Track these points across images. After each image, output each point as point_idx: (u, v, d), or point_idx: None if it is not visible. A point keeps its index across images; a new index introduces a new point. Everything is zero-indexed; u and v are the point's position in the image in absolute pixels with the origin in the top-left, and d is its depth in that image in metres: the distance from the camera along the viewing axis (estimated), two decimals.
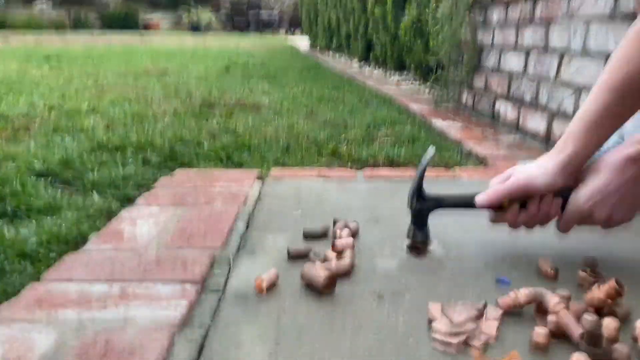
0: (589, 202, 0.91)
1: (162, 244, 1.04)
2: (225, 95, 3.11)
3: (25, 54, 5.85)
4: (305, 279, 0.86)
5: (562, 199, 0.95)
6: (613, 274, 0.93)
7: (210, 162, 1.76)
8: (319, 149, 1.93)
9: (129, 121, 2.32)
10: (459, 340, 0.72)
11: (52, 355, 0.68)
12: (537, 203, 0.95)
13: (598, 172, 0.91)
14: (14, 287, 0.91)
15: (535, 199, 0.95)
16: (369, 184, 1.48)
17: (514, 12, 2.29)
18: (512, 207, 0.96)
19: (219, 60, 5.70)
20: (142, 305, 0.81)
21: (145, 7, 17.79)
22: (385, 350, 0.71)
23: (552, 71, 1.93)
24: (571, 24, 1.81)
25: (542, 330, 0.71)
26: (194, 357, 0.70)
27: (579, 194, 0.93)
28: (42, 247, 1.05)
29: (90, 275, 0.91)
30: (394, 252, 1.02)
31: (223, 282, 0.90)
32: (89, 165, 1.61)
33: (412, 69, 3.94)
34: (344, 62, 6.30)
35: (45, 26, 15.48)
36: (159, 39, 10.57)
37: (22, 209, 1.25)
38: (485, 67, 2.61)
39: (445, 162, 1.78)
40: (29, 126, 2.19)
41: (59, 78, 3.80)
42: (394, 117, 2.55)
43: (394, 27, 4.08)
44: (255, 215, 1.21)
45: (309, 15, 9.44)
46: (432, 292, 0.86)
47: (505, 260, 0.99)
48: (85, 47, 7.36)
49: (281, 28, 17.61)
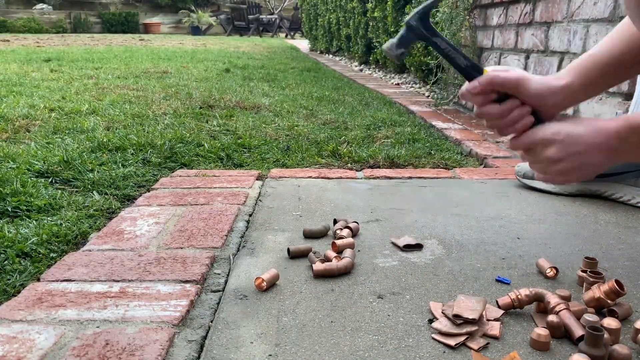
0: (554, 135, 0.87)
1: (162, 244, 1.04)
2: (225, 97, 3.11)
3: (25, 56, 5.86)
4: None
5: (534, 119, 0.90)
6: (613, 274, 0.94)
7: (210, 163, 1.76)
8: (319, 150, 1.93)
9: (130, 122, 2.32)
10: (459, 341, 0.72)
11: (52, 355, 0.68)
12: (515, 105, 0.90)
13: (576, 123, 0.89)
14: (14, 286, 0.91)
15: (515, 99, 0.90)
16: (369, 184, 1.48)
17: (514, 14, 2.29)
18: (490, 95, 0.90)
19: (219, 62, 5.70)
20: (142, 305, 0.81)
21: (145, 9, 17.82)
22: (385, 350, 0.71)
23: (553, 73, 1.94)
24: (571, 26, 1.81)
25: (542, 330, 0.71)
26: (193, 357, 0.70)
27: (549, 125, 0.89)
28: (42, 247, 1.05)
29: (90, 275, 0.91)
30: (394, 252, 1.02)
31: (223, 282, 0.90)
32: (90, 166, 1.62)
33: (412, 71, 3.95)
34: (344, 64, 6.31)
35: (46, 28, 15.51)
36: (159, 41, 10.59)
37: (23, 208, 1.25)
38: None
39: (446, 163, 1.78)
40: (30, 127, 2.20)
41: (59, 80, 3.80)
42: (394, 118, 2.55)
43: (394, 30, 4.09)
44: (255, 215, 1.21)
45: (309, 17, 9.45)
46: (432, 291, 0.87)
47: (505, 260, 0.99)
48: (85, 49, 7.37)
49: (281, 31, 17.64)
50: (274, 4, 19.48)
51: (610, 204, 1.33)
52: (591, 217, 1.23)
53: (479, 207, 1.29)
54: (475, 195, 1.39)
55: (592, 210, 1.28)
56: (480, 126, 2.40)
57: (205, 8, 18.49)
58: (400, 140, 2.08)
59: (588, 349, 0.67)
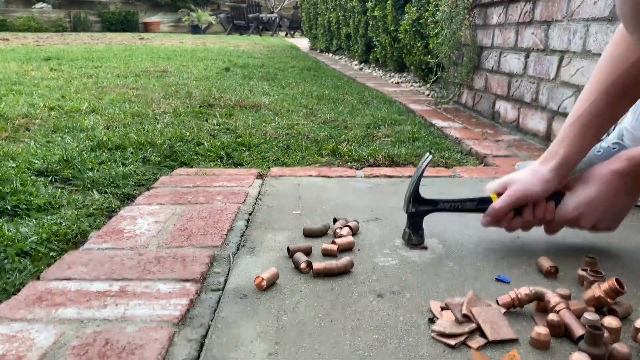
0: (576, 211, 0.95)
1: (162, 243, 1.04)
2: (225, 96, 3.11)
3: (25, 55, 5.85)
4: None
5: (554, 202, 0.98)
6: (613, 274, 0.94)
7: (210, 161, 1.76)
8: (319, 149, 1.93)
9: (129, 121, 2.32)
10: (459, 340, 0.72)
11: (52, 355, 0.68)
12: (532, 209, 0.98)
13: (586, 183, 0.95)
14: (13, 285, 0.91)
15: (529, 206, 0.98)
16: (369, 182, 1.48)
17: (514, 13, 2.29)
18: (507, 216, 0.98)
19: (218, 60, 5.70)
20: (141, 304, 0.81)
21: (145, 8, 17.80)
22: (385, 349, 0.71)
23: (552, 72, 1.94)
24: (571, 25, 1.81)
25: (542, 329, 0.71)
26: (193, 356, 0.70)
27: (566, 203, 0.97)
28: (42, 246, 1.05)
29: (90, 273, 0.90)
30: (394, 251, 1.02)
31: (223, 281, 0.90)
32: (89, 164, 1.61)
33: (412, 69, 3.94)
34: (343, 63, 6.30)
35: (45, 27, 15.50)
36: (158, 40, 10.58)
37: (22, 207, 1.25)
38: (485, 67, 2.61)
39: (445, 162, 1.78)
40: (29, 126, 2.19)
41: (59, 78, 3.80)
42: (394, 117, 2.55)
43: (394, 28, 4.08)
44: (255, 214, 1.21)
45: (309, 16, 9.45)
46: (431, 290, 0.86)
47: (505, 259, 0.99)
48: (85, 48, 7.36)
49: (281, 29, 17.63)
50: (273, 2, 19.47)
51: None
52: None
53: None
54: (475, 194, 1.39)
55: None
56: (480, 125, 2.40)
57: (205, 7, 18.48)
58: (400, 139, 2.08)
59: (588, 347, 0.67)
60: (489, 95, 2.56)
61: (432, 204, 1.02)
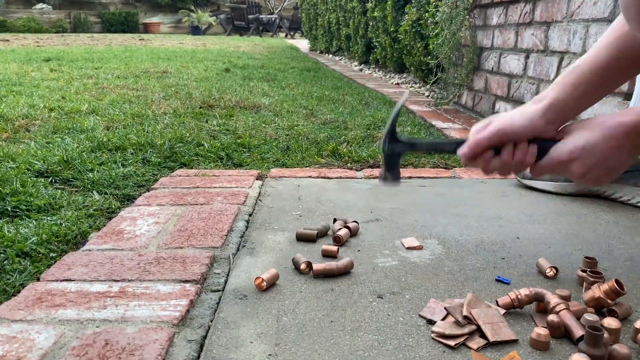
0: (571, 154, 0.88)
1: (162, 244, 1.04)
2: (225, 96, 3.11)
3: (25, 56, 5.86)
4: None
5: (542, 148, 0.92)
6: (613, 274, 0.94)
7: (210, 162, 1.76)
8: (318, 150, 1.93)
9: (129, 122, 2.32)
10: (459, 341, 0.72)
11: (52, 355, 0.68)
12: (511, 150, 0.91)
13: (588, 130, 0.89)
14: (14, 286, 0.91)
15: (509, 145, 0.91)
16: (369, 183, 1.48)
17: (514, 14, 2.29)
18: (486, 154, 0.92)
19: (218, 61, 5.70)
20: (141, 304, 0.81)
21: (145, 9, 17.83)
22: (384, 349, 0.71)
23: (552, 73, 1.94)
24: (571, 25, 1.81)
25: (542, 330, 0.71)
26: (193, 357, 0.70)
27: (562, 145, 0.90)
28: (42, 247, 1.05)
29: (90, 274, 0.90)
30: (393, 252, 1.02)
31: (223, 282, 0.90)
32: (89, 165, 1.61)
33: (412, 70, 3.94)
34: (343, 64, 6.30)
35: (45, 28, 15.51)
36: (159, 41, 10.58)
37: (22, 208, 1.25)
38: (485, 68, 2.61)
39: (445, 162, 1.78)
40: (29, 127, 2.20)
41: (59, 79, 3.80)
42: None
43: (394, 29, 4.09)
44: (255, 214, 1.21)
45: (309, 17, 9.45)
46: (431, 291, 0.86)
47: (505, 260, 0.99)
48: (85, 49, 7.37)
49: (281, 30, 17.64)
50: (273, 3, 19.48)
51: (610, 204, 1.33)
52: (591, 217, 1.23)
53: (479, 207, 1.29)
54: (475, 195, 1.39)
55: (592, 210, 1.28)
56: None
57: (205, 8, 18.49)
58: None
59: (588, 348, 0.67)
60: (489, 96, 2.56)
61: (408, 145, 0.98)
